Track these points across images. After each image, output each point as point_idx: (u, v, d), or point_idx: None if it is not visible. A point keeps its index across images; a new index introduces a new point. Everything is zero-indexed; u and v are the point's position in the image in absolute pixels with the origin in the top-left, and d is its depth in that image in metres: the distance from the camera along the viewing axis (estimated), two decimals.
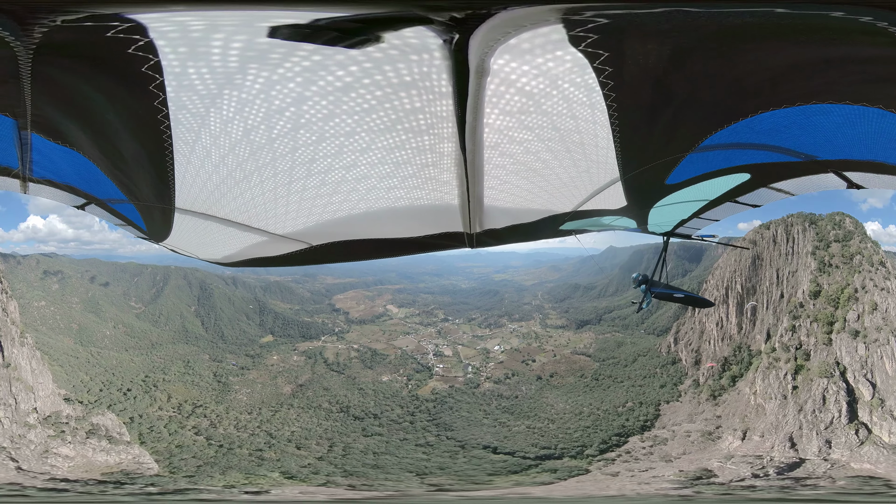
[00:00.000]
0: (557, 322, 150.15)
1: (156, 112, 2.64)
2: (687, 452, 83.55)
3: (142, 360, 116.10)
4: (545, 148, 3.36)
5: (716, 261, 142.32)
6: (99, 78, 2.39)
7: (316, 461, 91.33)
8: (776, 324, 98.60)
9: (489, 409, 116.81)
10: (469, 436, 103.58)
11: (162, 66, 2.27)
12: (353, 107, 2.68)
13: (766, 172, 4.05)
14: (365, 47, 2.17)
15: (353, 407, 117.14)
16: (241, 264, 5.87)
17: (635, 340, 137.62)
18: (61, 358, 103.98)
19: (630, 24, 2.02)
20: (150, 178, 3.52)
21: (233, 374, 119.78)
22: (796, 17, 1.92)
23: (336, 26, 2.00)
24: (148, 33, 2.03)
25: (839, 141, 3.19)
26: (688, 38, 2.14)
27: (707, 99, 2.77)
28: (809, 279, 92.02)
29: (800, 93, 2.61)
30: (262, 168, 3.38)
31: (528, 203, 4.30)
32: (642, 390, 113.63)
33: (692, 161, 3.66)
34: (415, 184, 3.68)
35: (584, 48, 2.17)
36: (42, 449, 76.15)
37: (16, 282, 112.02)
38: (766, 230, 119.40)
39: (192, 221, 4.36)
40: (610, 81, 2.47)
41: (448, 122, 2.84)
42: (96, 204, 4.25)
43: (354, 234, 4.66)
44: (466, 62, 2.28)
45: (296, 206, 4.01)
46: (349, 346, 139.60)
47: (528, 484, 78.76)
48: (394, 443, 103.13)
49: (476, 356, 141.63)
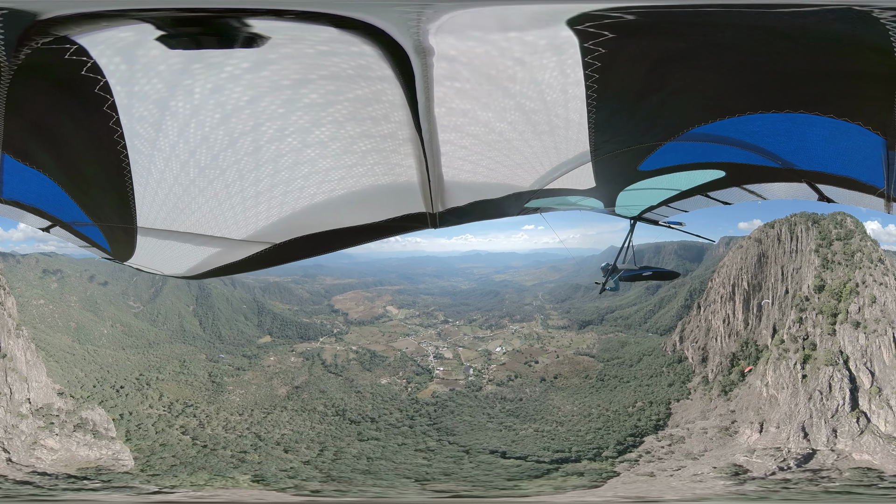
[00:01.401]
0: (559, 322, 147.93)
1: (111, 132, 2.68)
2: (708, 449, 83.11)
3: (138, 358, 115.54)
4: (511, 126, 3.28)
5: (718, 260, 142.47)
6: (61, 100, 2.47)
7: (301, 465, 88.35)
8: (782, 318, 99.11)
9: (493, 413, 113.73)
10: (473, 440, 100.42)
11: (110, 85, 2.36)
12: (308, 103, 2.68)
13: (742, 173, 4.08)
14: (251, 46, 2.24)
15: (350, 410, 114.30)
16: (207, 275, 5.85)
17: (639, 340, 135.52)
18: (57, 354, 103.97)
19: (634, 12, 2.10)
20: (111, 198, 3.55)
21: (228, 375, 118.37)
22: (798, 25, 1.99)
23: (214, 28, 2.07)
24: (90, 54, 2.12)
25: (818, 153, 3.16)
26: (687, 32, 2.24)
27: (697, 93, 2.76)
28: (814, 275, 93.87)
29: (791, 100, 2.63)
30: (226, 171, 3.36)
31: (492, 179, 4.22)
32: (650, 389, 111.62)
33: (669, 150, 3.67)
34: (371, 169, 3.62)
35: (584, 28, 2.25)
36: (32, 440, 76.52)
37: (15, 280, 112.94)
38: (771, 229, 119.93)
39: (154, 238, 4.36)
40: (596, 63, 2.47)
41: (401, 106, 2.78)
42: (61, 226, 4.28)
43: (315, 226, 4.61)
44: (398, 44, 2.30)
45: (254, 205, 3.96)
46: (348, 348, 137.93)
47: (558, 489, 75.53)
48: (391, 448, 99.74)
49: (477, 358, 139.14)
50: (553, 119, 3.14)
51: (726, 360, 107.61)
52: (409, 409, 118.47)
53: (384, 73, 2.50)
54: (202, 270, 5.65)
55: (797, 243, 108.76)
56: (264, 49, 2.29)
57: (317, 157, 3.36)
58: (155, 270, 5.83)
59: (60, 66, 2.18)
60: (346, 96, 2.72)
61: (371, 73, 2.50)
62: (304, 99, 2.75)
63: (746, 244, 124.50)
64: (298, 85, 2.58)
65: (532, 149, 3.69)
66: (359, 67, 2.44)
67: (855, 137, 2.79)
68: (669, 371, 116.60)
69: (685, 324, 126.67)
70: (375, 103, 2.78)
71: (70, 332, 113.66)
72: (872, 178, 3.24)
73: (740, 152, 3.57)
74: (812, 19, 1.91)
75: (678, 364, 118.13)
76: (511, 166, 4.01)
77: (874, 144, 2.78)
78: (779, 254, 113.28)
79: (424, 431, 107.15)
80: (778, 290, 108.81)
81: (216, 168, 3.29)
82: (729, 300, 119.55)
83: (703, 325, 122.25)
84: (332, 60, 2.39)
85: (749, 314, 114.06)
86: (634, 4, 2.03)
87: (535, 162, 3.96)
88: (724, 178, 4.34)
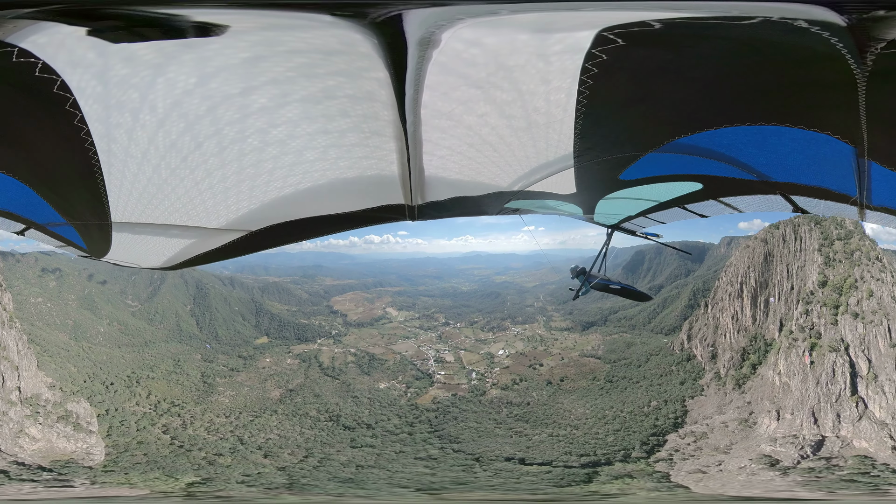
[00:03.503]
0: (562, 324, 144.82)
1: (78, 130, 2.69)
2: (734, 442, 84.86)
3: (132, 356, 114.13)
4: (502, 124, 3.28)
5: (720, 260, 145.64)
6: (21, 103, 2.47)
7: (276, 471, 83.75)
8: (788, 313, 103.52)
9: (500, 418, 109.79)
10: (482, 448, 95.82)
11: (68, 84, 2.36)
12: (298, 97, 2.68)
13: (718, 186, 4.11)
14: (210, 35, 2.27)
15: (345, 416, 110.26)
16: (184, 265, 5.86)
17: (645, 340, 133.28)
18: (52, 350, 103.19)
19: (631, 25, 2.19)
20: (84, 196, 3.54)
21: (221, 375, 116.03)
22: (764, 38, 2.08)
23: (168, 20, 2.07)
24: (36, 55, 2.13)
25: (790, 164, 3.24)
26: (672, 43, 2.33)
27: (678, 105, 2.82)
28: (817, 272, 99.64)
29: (762, 113, 2.71)
30: (206, 160, 3.34)
31: (475, 177, 4.24)
32: (662, 389, 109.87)
33: (649, 161, 3.70)
34: (352, 160, 3.62)
35: (606, 33, 2.33)
36: (18, 428, 77.11)
37: (14, 279, 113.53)
38: (776, 230, 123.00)
39: (129, 232, 4.34)
40: (594, 69, 2.52)
41: (389, 97, 2.77)
42: (35, 228, 4.30)
43: (293, 214, 4.55)
44: (402, 35, 2.36)
45: (235, 194, 3.92)
46: (346, 350, 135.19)
47: (624, 493, 72.64)
48: (387, 455, 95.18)
49: (480, 361, 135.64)
50: (537, 122, 3.11)
51: (737, 355, 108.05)
52: (408, 415, 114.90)
53: (377, 64, 2.47)
54: (179, 261, 5.61)
55: (801, 243, 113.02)
56: (256, 41, 2.28)
57: (303, 149, 3.31)
58: (131, 264, 5.81)
59: (11, 70, 2.17)
60: (344, 91, 2.68)
61: (365, 65, 2.48)
62: (296, 93, 2.70)
63: (753, 244, 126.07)
64: (287, 77, 2.56)
65: (515, 150, 3.69)
66: (354, 57, 2.44)
67: (825, 147, 2.78)
68: (679, 369, 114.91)
69: (693, 322, 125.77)
70: (366, 100, 2.73)
71: (67, 330, 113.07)
72: (844, 186, 3.23)
73: (718, 165, 3.59)
74: (777, 32, 1.96)
75: (687, 362, 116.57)
76: (494, 165, 3.99)
77: (843, 153, 2.77)
78: (784, 253, 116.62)
79: (425, 439, 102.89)
80: (784, 286, 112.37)
81: (194, 157, 3.23)
82: (737, 297, 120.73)
83: (712, 323, 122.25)
84: (327, 57, 2.40)
85: (757, 310, 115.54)
86: (647, 15, 2.10)
87: (517, 163, 3.95)
88: (702, 190, 4.35)
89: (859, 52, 1.99)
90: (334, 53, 2.45)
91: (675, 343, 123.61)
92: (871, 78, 2.12)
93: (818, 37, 1.90)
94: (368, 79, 2.67)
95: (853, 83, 2.17)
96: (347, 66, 2.51)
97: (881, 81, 2.14)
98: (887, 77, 2.11)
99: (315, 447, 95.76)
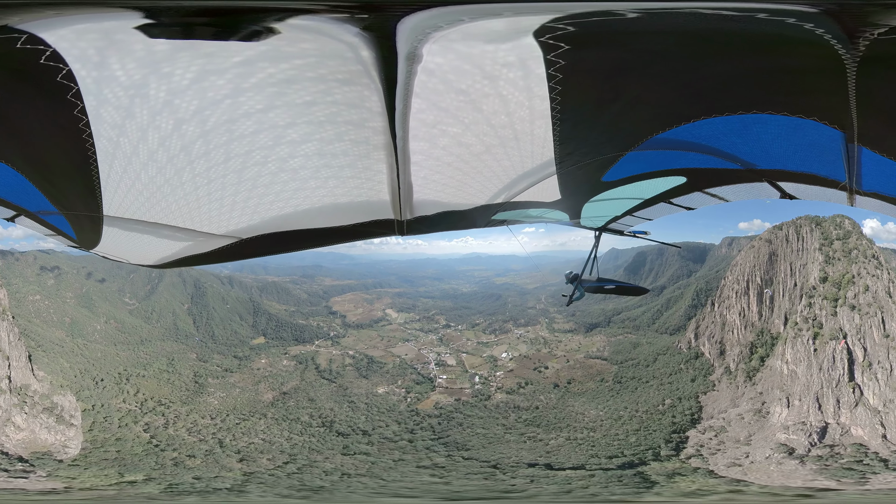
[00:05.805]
0: (565, 326, 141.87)
1: (77, 121, 2.66)
2: (752, 433, 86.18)
3: (127, 354, 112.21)
4: (481, 138, 3.33)
5: (722, 260, 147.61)
6: (20, 90, 2.45)
7: (241, 476, 78.16)
8: (792, 307, 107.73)
9: (509, 423, 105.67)
10: (497, 454, 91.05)
11: (74, 72, 2.33)
12: (293, 99, 2.72)
13: (702, 177, 4.14)
14: (259, 39, 2.32)
15: (339, 422, 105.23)
16: (173, 265, 5.91)
17: (650, 340, 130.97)
18: (46, 345, 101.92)
19: (591, 22, 2.19)
20: (77, 187, 3.54)
21: (213, 376, 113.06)
22: (741, 26, 2.07)
23: (213, 20, 2.12)
24: (47, 42, 2.12)
25: (775, 151, 3.24)
26: (642, 41, 2.33)
27: (652, 101, 2.83)
28: (818, 269, 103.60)
29: (741, 102, 2.69)
30: (195, 162, 3.37)
31: (461, 191, 4.28)
32: (674, 387, 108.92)
33: (630, 160, 3.71)
34: (344, 175, 3.68)
35: (545, 39, 2.37)
36: (6, 417, 76.46)
37: (12, 277, 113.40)
38: (780, 230, 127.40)
39: (121, 227, 4.39)
40: (558, 74, 2.54)
41: (380, 113, 2.83)
42: (26, 216, 4.33)
43: (284, 225, 4.64)
44: (394, 49, 2.40)
45: (230, 202, 3.98)
46: (344, 352, 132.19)
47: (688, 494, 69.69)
48: (383, 464, 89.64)
49: (483, 365, 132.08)
50: (518, 132, 3.11)
51: (746, 350, 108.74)
52: (408, 421, 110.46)
53: (371, 78, 2.49)
54: (169, 260, 5.63)
55: (803, 242, 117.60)
56: (252, 45, 2.30)
57: (298, 163, 3.35)
58: (121, 259, 5.83)
59: (13, 56, 2.14)
60: (329, 99, 2.71)
61: (358, 80, 2.51)
62: (288, 98, 2.73)
63: (758, 244, 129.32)
64: (284, 84, 2.58)
65: (500, 162, 3.69)
66: (348, 72, 2.45)
67: (812, 133, 2.75)
68: (689, 367, 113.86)
69: (699, 321, 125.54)
70: (355, 108, 2.77)
71: (64, 327, 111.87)
72: (833, 172, 3.20)
73: (700, 157, 3.56)
74: (749, 20, 1.96)
75: (695, 360, 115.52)
76: (479, 179, 4.01)
77: (832, 138, 2.73)
78: (787, 252, 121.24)
79: (429, 446, 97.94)
80: (787, 283, 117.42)
81: (186, 159, 3.22)
82: (744, 294, 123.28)
83: (719, 321, 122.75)
84: (322, 62, 2.41)
85: (762, 306, 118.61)
86: (589, 10, 2.08)
87: (502, 175, 3.97)
88: (686, 183, 4.35)
89: (849, 38, 1.95)
90: (345, 83, 2.48)
91: (682, 342, 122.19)
92: (864, 63, 2.07)
93: (794, 25, 1.87)
94: (362, 108, 2.69)
95: (840, 69, 2.12)
96: (351, 93, 2.53)
97: (875, 66, 2.08)
98: (882, 62, 2.07)
99: (300, 453, 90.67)
